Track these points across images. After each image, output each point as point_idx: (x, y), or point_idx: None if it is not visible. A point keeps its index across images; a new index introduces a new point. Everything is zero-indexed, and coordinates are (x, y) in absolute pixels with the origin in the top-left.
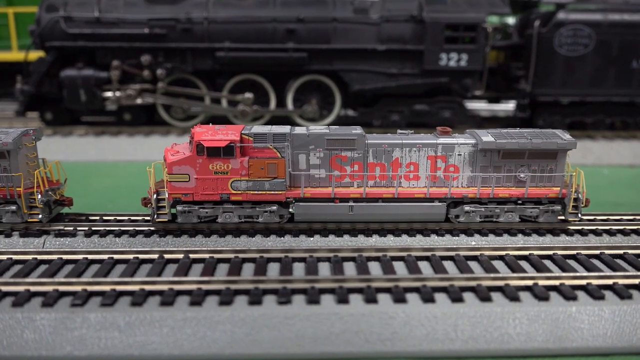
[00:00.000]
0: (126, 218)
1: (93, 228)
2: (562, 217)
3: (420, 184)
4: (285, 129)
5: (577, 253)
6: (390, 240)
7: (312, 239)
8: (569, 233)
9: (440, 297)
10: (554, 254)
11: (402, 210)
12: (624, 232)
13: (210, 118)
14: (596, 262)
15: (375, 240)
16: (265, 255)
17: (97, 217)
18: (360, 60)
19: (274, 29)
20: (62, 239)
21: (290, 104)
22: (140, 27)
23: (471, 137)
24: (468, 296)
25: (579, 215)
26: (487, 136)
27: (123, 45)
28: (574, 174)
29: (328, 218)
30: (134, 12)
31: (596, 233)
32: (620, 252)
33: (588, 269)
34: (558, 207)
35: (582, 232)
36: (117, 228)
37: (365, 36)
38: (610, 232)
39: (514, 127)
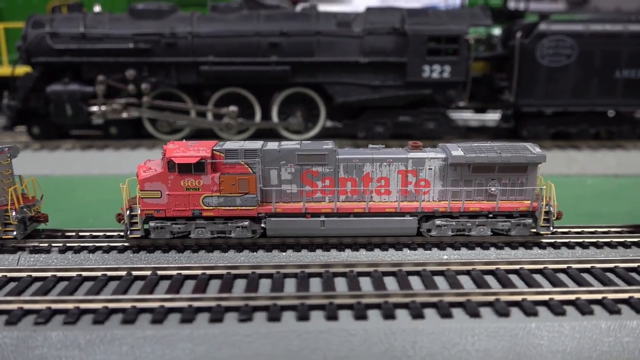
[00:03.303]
0: (101, 234)
1: (67, 244)
2: (535, 230)
3: (392, 198)
4: (257, 144)
5: (544, 267)
6: (362, 255)
7: (284, 254)
8: (542, 246)
9: (401, 313)
10: (520, 268)
11: (374, 224)
12: (596, 245)
13: (196, 131)
14: (563, 276)
15: (347, 255)
16: (233, 271)
17: (73, 233)
18: (344, 73)
19: (257, 43)
20: (36, 256)
21: (275, 117)
22: (125, 42)
23: (442, 152)
24: (429, 312)
25: (551, 228)
26: (457, 150)
27: (108, 60)
28: (545, 187)
29: (300, 233)
30: (119, 28)
31: (569, 246)
32: (588, 266)
33: (553, 284)
34: (529, 221)
35: (554, 245)
36: (91, 244)
37: (348, 49)
38: (582, 245)
39: (499, 137)
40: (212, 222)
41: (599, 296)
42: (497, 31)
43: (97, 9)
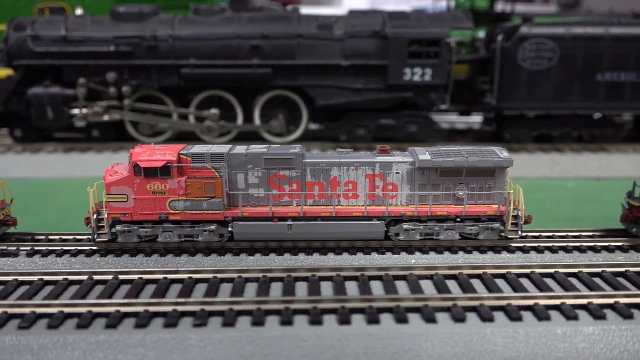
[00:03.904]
0: (71, 237)
1: (35, 248)
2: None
3: (359, 202)
4: (224, 148)
5: (507, 272)
6: (330, 259)
7: (251, 257)
8: (510, 250)
9: (357, 318)
10: (484, 273)
11: (341, 228)
12: (565, 249)
13: (178, 134)
14: (525, 281)
15: (314, 259)
16: (195, 275)
17: (43, 237)
18: (325, 76)
19: (238, 46)
20: (3, 259)
21: (257, 120)
22: (106, 45)
23: (409, 156)
24: (385, 317)
25: (519, 232)
26: (424, 154)
27: (89, 62)
28: (511, 191)
29: (267, 237)
30: (100, 30)
31: (538, 250)
32: (552, 270)
33: (514, 289)
34: (497, 225)
35: (523, 249)
36: (59, 248)
37: (330, 52)
38: (552, 249)
39: (483, 140)
40: (179, 226)
41: (557, 302)
42: (482, 34)
43: (78, 11)
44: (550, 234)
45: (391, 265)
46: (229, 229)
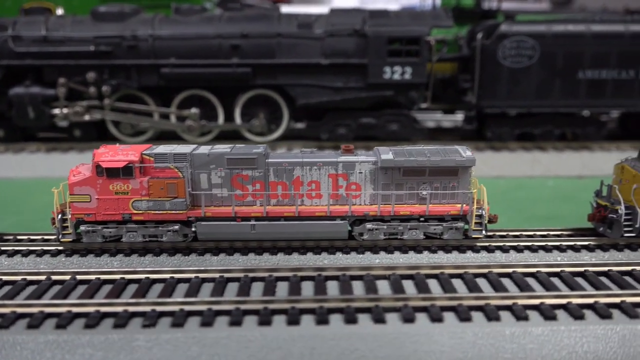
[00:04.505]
0: (39, 238)
1: (2, 248)
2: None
3: (323, 202)
4: (187, 148)
5: (464, 272)
6: (294, 259)
7: (216, 258)
8: (476, 250)
9: (306, 319)
10: (441, 273)
11: (304, 228)
12: (531, 249)
13: (160, 133)
14: (482, 281)
15: (278, 259)
16: (153, 276)
17: (11, 237)
18: (305, 75)
19: (218, 45)
20: None
21: (238, 119)
22: (86, 45)
23: (373, 155)
24: (335, 318)
25: (484, 231)
26: (387, 154)
27: (69, 62)
28: (475, 190)
29: (230, 237)
30: (81, 30)
31: (503, 249)
32: (510, 270)
33: (470, 289)
34: (461, 224)
35: (488, 249)
36: (25, 248)
37: (310, 51)
38: (517, 249)
39: (466, 139)
40: (143, 226)
41: (509, 302)
42: (464, 32)
43: (59, 11)
44: (518, 233)
45: (351, 265)
46: (193, 229)
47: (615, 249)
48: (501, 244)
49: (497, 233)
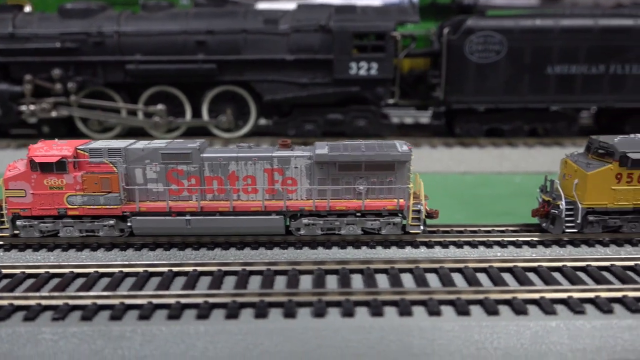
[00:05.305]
0: None
1: None
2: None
3: (259, 197)
4: (122, 143)
5: (390, 267)
6: (230, 254)
7: (153, 252)
8: (415, 245)
9: (245, 312)
10: (367, 268)
11: (240, 223)
12: (471, 244)
13: (129, 129)
14: (407, 276)
15: (215, 254)
16: (77, 270)
17: None
18: (271, 71)
19: (184, 41)
20: None
21: (205, 115)
22: (52, 42)
23: (309, 150)
24: (275, 312)
25: (421, 227)
26: (322, 149)
27: (35, 59)
28: (410, 185)
29: (166, 232)
30: (47, 27)
31: (443, 245)
32: (437, 266)
33: (392, 285)
34: (399, 220)
35: (428, 244)
36: None
37: (275, 46)
38: (457, 244)
39: (439, 135)
40: (79, 221)
41: (425, 297)
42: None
43: (27, 9)
44: (462, 229)
45: (278, 260)
46: (129, 224)
47: (558, 245)
48: (442, 239)
49: (441, 228)
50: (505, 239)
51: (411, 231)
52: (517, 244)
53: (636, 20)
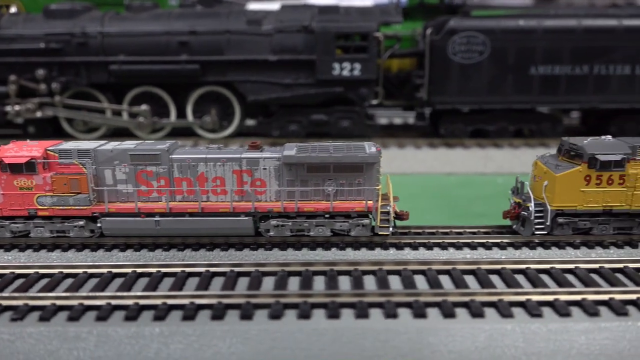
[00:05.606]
0: None
1: None
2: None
3: (228, 198)
4: (91, 144)
5: (354, 269)
6: (199, 255)
7: (123, 254)
8: (385, 247)
9: (202, 314)
10: (330, 270)
11: (209, 224)
12: (441, 246)
13: (114, 130)
14: (369, 278)
15: (184, 255)
16: (42, 271)
17: None
18: (254, 71)
19: (167, 42)
20: None
21: (190, 116)
22: (36, 42)
23: (277, 152)
24: (232, 314)
25: (390, 228)
26: (290, 150)
27: (19, 60)
28: (378, 187)
29: (135, 233)
30: (32, 28)
31: (412, 246)
32: (400, 268)
33: (355, 286)
34: (367, 221)
35: (398, 246)
36: None
37: (259, 47)
38: (427, 246)
39: (426, 136)
40: (50, 222)
41: (383, 299)
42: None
43: (12, 9)
44: (434, 230)
45: (243, 261)
46: (99, 224)
47: (528, 247)
48: (412, 240)
49: (413, 230)
50: (476, 240)
51: (380, 232)
52: (486, 246)
53: (620, 21)
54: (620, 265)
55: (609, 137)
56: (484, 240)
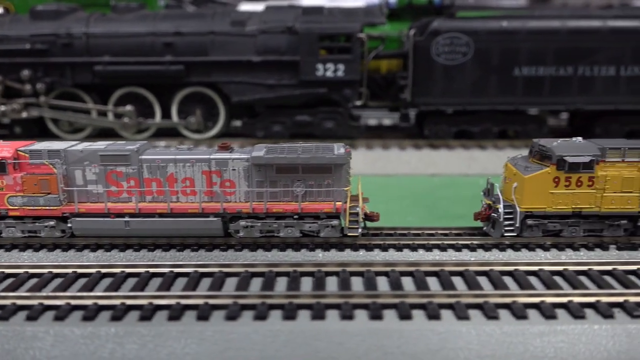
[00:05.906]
0: None
1: None
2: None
3: (197, 199)
4: (62, 145)
5: (317, 270)
6: (168, 255)
7: (93, 254)
8: (355, 248)
9: (159, 315)
10: (294, 271)
11: (178, 225)
12: (411, 247)
13: (100, 130)
14: (332, 279)
15: (153, 255)
16: (8, 270)
17: None
18: (238, 72)
19: (151, 43)
20: None
21: (174, 116)
22: (22, 43)
23: (246, 153)
24: (189, 314)
25: (359, 230)
26: (258, 151)
27: (5, 60)
28: (347, 188)
29: (105, 233)
30: (18, 29)
31: (382, 248)
32: (364, 269)
33: (317, 287)
34: (336, 222)
35: (367, 247)
36: None
37: (242, 48)
38: (396, 247)
39: (412, 137)
40: (21, 222)
41: (341, 300)
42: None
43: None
44: (405, 232)
45: (209, 262)
46: (69, 225)
47: (498, 249)
48: (381, 242)
49: (384, 231)
50: (446, 242)
51: (349, 234)
52: (456, 248)
53: (604, 22)
54: (585, 268)
55: (580, 138)
56: (454, 242)
